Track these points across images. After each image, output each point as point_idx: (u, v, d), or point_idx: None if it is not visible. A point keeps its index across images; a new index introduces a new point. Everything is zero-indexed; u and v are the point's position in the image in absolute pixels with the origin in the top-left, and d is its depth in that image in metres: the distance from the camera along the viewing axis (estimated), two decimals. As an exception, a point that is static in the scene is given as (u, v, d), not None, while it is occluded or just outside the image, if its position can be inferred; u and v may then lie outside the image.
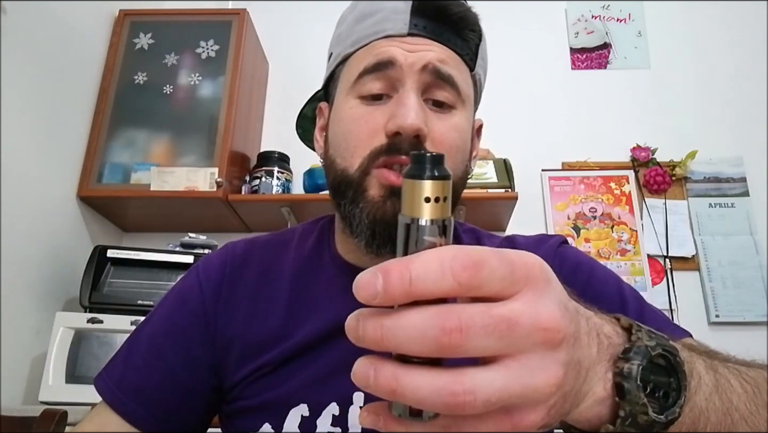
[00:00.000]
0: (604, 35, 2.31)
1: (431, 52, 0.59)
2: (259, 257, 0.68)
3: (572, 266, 0.65)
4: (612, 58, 2.28)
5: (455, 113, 0.60)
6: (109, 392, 0.63)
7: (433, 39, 0.60)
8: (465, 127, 0.61)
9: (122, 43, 2.00)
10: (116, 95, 1.92)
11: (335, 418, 0.57)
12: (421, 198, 0.27)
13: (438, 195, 0.27)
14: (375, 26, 0.61)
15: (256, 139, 2.18)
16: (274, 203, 1.89)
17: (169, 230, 1.97)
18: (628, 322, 0.35)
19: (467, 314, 0.25)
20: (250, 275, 0.66)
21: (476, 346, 0.25)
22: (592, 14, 2.34)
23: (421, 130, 0.56)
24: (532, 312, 0.27)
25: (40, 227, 1.64)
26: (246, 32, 2.02)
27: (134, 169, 1.85)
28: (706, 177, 2.08)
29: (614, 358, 0.32)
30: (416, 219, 0.27)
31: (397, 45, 0.59)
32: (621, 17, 2.33)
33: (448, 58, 0.60)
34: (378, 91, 0.59)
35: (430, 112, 0.59)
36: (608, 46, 2.29)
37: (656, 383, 0.32)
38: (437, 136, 0.58)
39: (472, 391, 0.25)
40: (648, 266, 1.96)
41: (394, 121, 0.56)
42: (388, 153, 0.56)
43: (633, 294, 0.63)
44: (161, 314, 0.66)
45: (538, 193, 2.08)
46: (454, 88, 0.59)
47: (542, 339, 0.27)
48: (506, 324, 0.26)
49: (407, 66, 0.58)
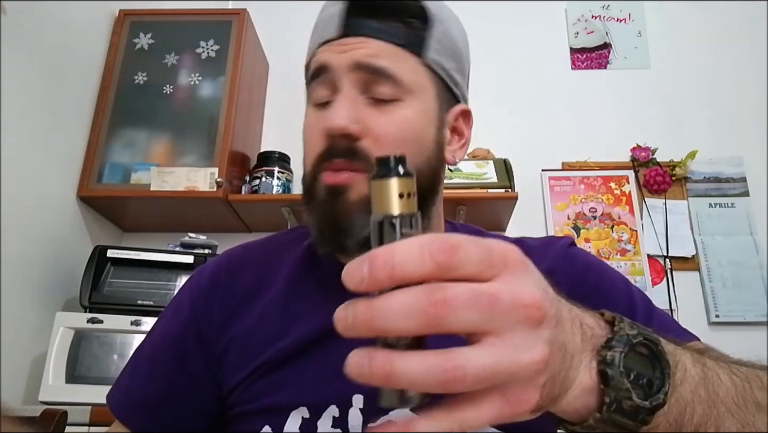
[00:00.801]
0: (604, 35, 2.31)
1: (362, 49, 0.59)
2: (256, 261, 0.68)
3: (582, 268, 0.65)
4: (612, 58, 2.28)
5: (400, 105, 0.59)
6: (119, 407, 0.65)
7: (368, 35, 0.59)
8: (414, 117, 0.60)
9: (122, 43, 2.00)
10: (116, 95, 1.92)
11: (335, 420, 0.56)
12: (390, 195, 0.30)
13: (404, 191, 0.30)
14: (317, 35, 0.63)
15: (256, 139, 2.18)
16: (274, 203, 1.89)
17: (169, 230, 1.97)
18: (611, 315, 0.36)
19: (451, 288, 0.27)
20: (246, 278, 0.66)
21: (460, 318, 0.27)
22: (592, 14, 2.34)
23: (346, 129, 0.57)
24: (512, 290, 0.28)
25: (40, 227, 1.64)
26: (246, 32, 2.02)
27: (134, 169, 1.85)
28: (706, 177, 2.08)
29: (597, 348, 0.33)
30: (388, 215, 0.30)
31: (332, 48, 0.60)
32: (621, 17, 2.33)
33: (382, 52, 0.59)
34: (324, 98, 0.60)
35: (370, 109, 0.59)
36: (608, 46, 2.29)
37: (640, 371, 0.33)
38: (377, 131, 0.58)
39: (462, 367, 0.26)
40: (648, 266, 1.96)
41: (322, 125, 0.58)
42: (326, 158, 0.58)
43: (642, 297, 0.64)
44: (159, 327, 0.68)
45: (538, 193, 2.08)
46: (392, 79, 0.59)
47: (524, 316, 0.28)
48: (488, 298, 0.27)
49: (338, 68, 0.59)
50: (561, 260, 0.65)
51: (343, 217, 0.57)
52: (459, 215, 1.84)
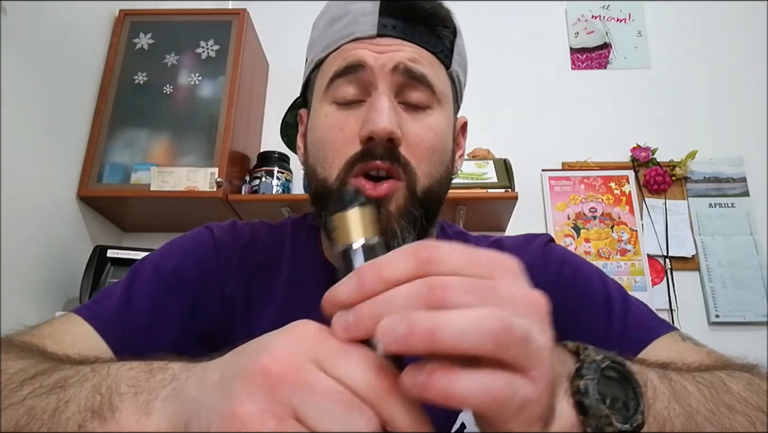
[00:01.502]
0: (604, 35, 2.31)
1: (402, 51, 0.57)
2: (261, 247, 0.67)
3: (558, 265, 0.66)
4: (612, 58, 2.28)
5: (431, 113, 0.59)
6: (105, 330, 0.58)
7: (404, 38, 0.58)
8: (442, 126, 0.60)
9: (122, 43, 2.00)
10: (116, 95, 1.92)
11: None
12: (352, 225, 0.31)
13: (366, 220, 0.31)
14: (344, 29, 0.60)
15: (256, 139, 2.18)
16: (274, 203, 1.89)
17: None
18: (574, 345, 0.36)
19: (448, 277, 0.28)
20: (252, 262, 0.66)
21: (459, 299, 0.27)
22: (592, 14, 2.34)
23: (393, 134, 0.55)
24: (510, 284, 0.29)
25: (40, 227, 1.64)
26: (246, 32, 2.02)
27: (134, 169, 1.85)
28: (706, 177, 2.08)
29: (570, 377, 0.33)
30: (351, 244, 0.31)
31: (366, 47, 0.58)
32: (621, 17, 2.33)
33: (421, 57, 0.58)
34: (352, 97, 0.58)
35: (405, 114, 0.58)
36: (608, 46, 2.29)
37: (613, 395, 0.33)
38: (413, 138, 0.57)
39: (505, 323, 0.26)
40: (648, 266, 1.96)
41: (366, 126, 0.55)
42: (362, 160, 0.56)
43: (618, 290, 0.64)
44: (168, 265, 0.63)
45: (538, 194, 2.08)
46: (429, 87, 0.58)
47: (529, 303, 0.28)
48: (488, 285, 0.28)
49: (377, 68, 0.57)
50: (538, 258, 0.66)
51: (383, 229, 0.55)
52: (459, 215, 1.84)
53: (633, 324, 0.60)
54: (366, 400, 0.28)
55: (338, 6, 0.62)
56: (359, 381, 0.28)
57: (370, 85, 0.57)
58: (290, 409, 0.27)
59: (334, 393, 0.28)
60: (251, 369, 0.29)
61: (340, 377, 0.28)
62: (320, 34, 0.63)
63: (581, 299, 0.63)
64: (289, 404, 0.27)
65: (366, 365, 0.28)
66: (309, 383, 0.28)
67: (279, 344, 0.30)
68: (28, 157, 1.61)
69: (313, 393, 0.27)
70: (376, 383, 0.28)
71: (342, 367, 0.28)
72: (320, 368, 0.28)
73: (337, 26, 0.61)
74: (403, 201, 0.57)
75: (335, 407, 0.27)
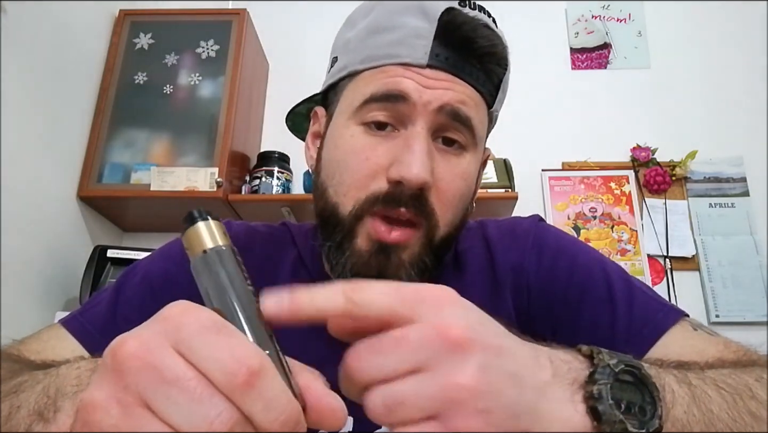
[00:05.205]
0: (604, 35, 2.31)
1: (450, 90, 0.53)
2: (258, 252, 0.65)
3: (551, 258, 0.61)
4: (612, 58, 2.28)
5: (465, 156, 0.56)
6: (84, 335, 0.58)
7: (454, 74, 0.53)
8: (472, 171, 0.57)
9: (122, 43, 1.99)
10: (116, 95, 1.92)
11: None
12: (202, 236, 0.32)
13: (212, 230, 0.33)
14: (390, 47, 0.54)
15: (256, 139, 2.17)
16: (274, 203, 1.89)
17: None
18: (588, 349, 0.35)
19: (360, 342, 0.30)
20: (246, 267, 0.65)
21: (387, 362, 0.29)
22: (592, 14, 2.34)
23: (426, 184, 0.51)
24: (429, 325, 0.29)
25: (40, 227, 1.64)
26: (246, 32, 2.02)
27: (134, 169, 1.85)
28: (706, 177, 2.08)
29: (580, 383, 0.32)
30: (206, 249, 0.32)
31: (413, 76, 0.53)
32: (621, 17, 2.32)
33: (468, 98, 0.54)
34: (384, 119, 0.53)
35: (438, 154, 0.54)
36: (608, 46, 2.29)
37: (629, 400, 0.32)
38: (443, 185, 0.53)
39: (401, 401, 0.28)
40: (648, 266, 1.96)
41: (398, 169, 0.51)
42: (385, 203, 0.52)
43: (620, 276, 0.59)
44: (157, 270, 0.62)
45: (538, 193, 2.08)
46: (471, 131, 0.55)
47: (445, 345, 0.29)
48: (393, 341, 0.29)
49: (421, 104, 0.52)
50: (529, 253, 0.62)
51: (391, 276, 0.52)
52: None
53: (640, 317, 0.55)
54: (223, 390, 0.25)
55: (384, 12, 0.56)
56: (216, 368, 0.25)
57: (408, 119, 0.53)
58: (138, 396, 0.25)
59: (182, 380, 0.25)
60: (107, 354, 0.27)
61: (197, 363, 0.26)
62: (359, 38, 0.57)
63: (581, 295, 0.59)
64: (137, 391, 0.25)
65: (231, 350, 0.26)
66: (158, 368, 0.25)
67: (143, 326, 0.28)
68: (28, 157, 1.60)
69: (161, 380, 0.25)
70: (236, 371, 0.25)
71: (202, 351, 0.26)
72: (179, 352, 0.26)
73: (382, 40, 0.55)
74: (418, 249, 0.54)
75: (180, 396, 0.25)
